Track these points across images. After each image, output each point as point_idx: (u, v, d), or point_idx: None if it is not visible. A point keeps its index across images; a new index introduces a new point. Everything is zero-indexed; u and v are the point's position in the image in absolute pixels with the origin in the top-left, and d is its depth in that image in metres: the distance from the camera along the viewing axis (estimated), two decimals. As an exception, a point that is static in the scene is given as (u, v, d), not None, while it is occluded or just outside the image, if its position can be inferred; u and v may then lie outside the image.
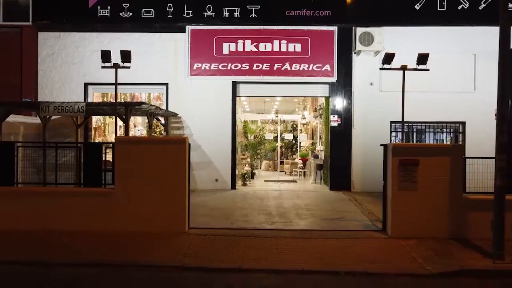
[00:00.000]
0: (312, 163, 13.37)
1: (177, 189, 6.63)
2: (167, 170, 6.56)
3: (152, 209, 6.52)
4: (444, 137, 12.25)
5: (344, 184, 11.23)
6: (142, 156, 6.56)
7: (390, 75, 10.85)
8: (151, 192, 6.52)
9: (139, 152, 6.55)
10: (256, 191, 11.09)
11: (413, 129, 11.65)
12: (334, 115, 11.28)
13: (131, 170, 6.53)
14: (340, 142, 11.28)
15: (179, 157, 6.61)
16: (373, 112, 11.21)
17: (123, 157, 6.53)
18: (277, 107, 18.94)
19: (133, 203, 6.52)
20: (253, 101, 19.72)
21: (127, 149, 6.55)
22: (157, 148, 6.60)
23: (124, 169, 6.53)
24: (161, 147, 6.61)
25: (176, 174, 6.60)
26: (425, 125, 11.55)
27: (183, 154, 6.61)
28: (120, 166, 6.53)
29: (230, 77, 11.27)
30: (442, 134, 12.23)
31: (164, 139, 7.13)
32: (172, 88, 11.32)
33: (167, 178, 6.56)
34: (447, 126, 11.62)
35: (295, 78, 11.24)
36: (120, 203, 6.51)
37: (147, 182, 6.53)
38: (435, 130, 11.78)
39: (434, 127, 11.63)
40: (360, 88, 11.23)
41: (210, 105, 11.30)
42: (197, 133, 11.31)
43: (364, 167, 11.21)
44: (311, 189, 11.72)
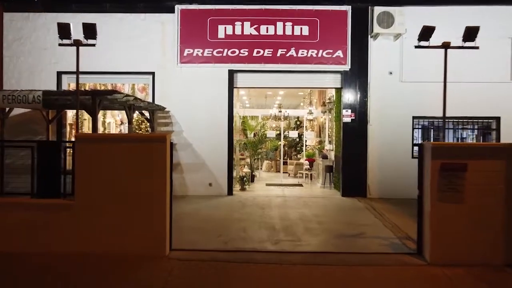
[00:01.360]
0: (320, 164, 12.03)
1: (155, 200, 5.30)
2: (143, 176, 5.24)
3: (123, 226, 5.20)
4: (467, 134, 10.92)
5: (358, 189, 9.90)
6: (111, 158, 5.23)
7: (412, 63, 9.58)
8: (122, 204, 5.20)
9: (106, 153, 5.22)
10: (256, 198, 9.76)
11: (433, 125, 10.30)
12: (347, 110, 9.93)
13: (96, 176, 5.20)
14: (354, 141, 9.94)
15: (158, 160, 5.28)
16: (393, 105, 9.87)
17: (86, 159, 5.20)
18: (280, 101, 17.59)
19: (97, 219, 5.20)
20: (253, 96, 18.42)
21: (91, 149, 5.21)
22: (130, 148, 5.26)
23: (87, 175, 5.20)
24: (135, 146, 5.27)
25: (154, 181, 5.28)
26: (451, 120, 10.19)
27: (163, 155, 5.29)
28: (82, 171, 5.20)
29: (226, 65, 9.92)
30: (465, 131, 10.91)
31: (139, 137, 5.82)
32: (159, 78, 9.98)
33: (143, 186, 5.24)
34: (478, 121, 10.26)
35: (301, 66, 9.89)
36: (81, 218, 5.19)
37: (116, 191, 5.21)
38: (455, 127, 10.44)
39: (461, 123, 10.28)
40: (377, 78, 9.88)
41: (203, 98, 9.97)
42: (187, 130, 9.98)
43: (382, 169, 9.87)
44: (319, 195, 10.37)
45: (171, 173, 5.65)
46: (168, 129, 10.00)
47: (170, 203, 5.64)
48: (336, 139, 10.93)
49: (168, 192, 5.46)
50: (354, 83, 9.92)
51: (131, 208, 5.23)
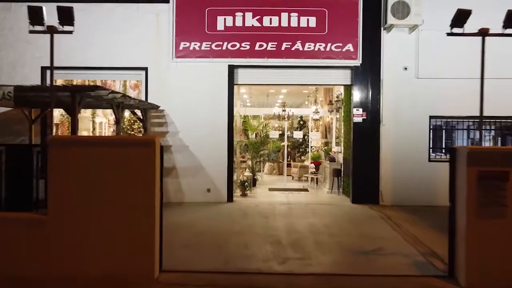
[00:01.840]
0: (327, 167, 11.30)
1: (141, 212, 4.58)
2: (127, 186, 4.52)
3: (103, 244, 4.47)
4: (483, 135, 10.16)
5: (370, 196, 9.16)
6: (90, 165, 4.50)
7: (429, 57, 8.87)
8: (102, 219, 4.47)
9: (85, 160, 4.49)
10: (259, 205, 9.02)
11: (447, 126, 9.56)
12: (358, 108, 9.19)
13: (73, 187, 4.47)
14: (365, 142, 9.20)
15: (146, 166, 4.55)
16: (408, 104, 9.14)
17: (61, 166, 4.47)
18: (282, 100, 16.84)
19: (74, 236, 4.46)
20: (254, 94, 17.69)
21: (66, 154, 4.48)
22: (112, 153, 4.53)
23: (62, 186, 4.47)
24: (118, 151, 4.54)
25: (141, 191, 4.56)
26: (470, 120, 9.46)
27: (151, 161, 4.56)
28: (56, 181, 4.47)
29: (226, 60, 9.19)
30: (478, 132, 10.16)
31: (123, 140, 5.08)
32: (153, 74, 9.24)
33: (127, 197, 4.52)
34: (496, 122, 9.53)
35: (308, 61, 9.16)
36: (55, 235, 4.46)
37: (95, 204, 4.48)
38: (469, 127, 9.71)
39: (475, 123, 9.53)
40: (391, 74, 9.14)
41: (200, 96, 9.24)
42: (184, 130, 9.25)
43: (396, 174, 9.14)
44: (327, 202, 9.64)
45: (162, 181, 4.93)
46: (162, 129, 9.27)
47: (160, 215, 4.93)
48: (345, 141, 10.20)
49: (157, 203, 4.74)
50: (365, 79, 9.18)
51: (114, 223, 4.50)
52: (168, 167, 9.19)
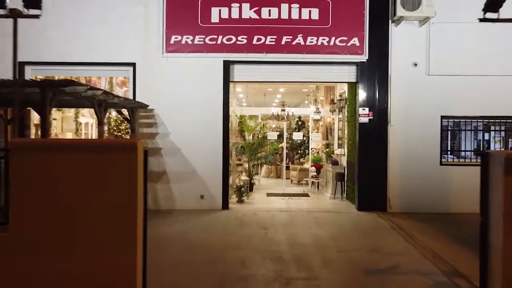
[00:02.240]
0: (329, 171, 10.67)
1: (121, 227, 3.88)
2: (104, 196, 3.82)
3: (74, 266, 3.78)
4: (490, 136, 9.57)
5: (377, 202, 8.55)
6: (59, 173, 3.80)
7: (441, 52, 8.29)
8: (73, 239, 3.78)
9: (52, 168, 3.79)
10: (257, 212, 8.37)
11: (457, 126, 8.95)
12: (364, 108, 8.56)
13: (39, 197, 3.77)
14: (372, 144, 8.59)
15: (126, 175, 3.85)
16: (418, 103, 8.54)
17: (23, 175, 3.77)
18: (280, 99, 16.21)
19: (39, 255, 3.77)
20: (250, 93, 17.06)
21: (30, 161, 3.78)
22: (86, 160, 3.84)
23: (26, 196, 3.77)
24: (94, 158, 3.85)
25: (120, 202, 3.86)
26: (485, 121, 8.88)
27: (132, 169, 3.86)
28: (19, 192, 3.77)
29: (221, 55, 8.54)
30: (487, 133, 9.57)
31: (99, 144, 4.40)
32: (141, 70, 8.57)
33: (105, 209, 3.82)
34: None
35: (310, 57, 8.53)
36: (16, 254, 3.76)
37: (66, 218, 3.78)
38: (476, 128, 9.12)
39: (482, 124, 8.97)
40: (399, 71, 8.54)
41: (193, 94, 8.58)
42: (175, 131, 8.58)
43: (405, 178, 8.54)
44: (331, 209, 9.00)
45: (146, 192, 4.24)
46: (152, 130, 8.60)
47: (144, 231, 4.23)
48: (350, 142, 9.57)
49: (140, 218, 4.04)
50: (372, 76, 8.56)
51: (88, 241, 3.81)
52: (158, 172, 8.53)
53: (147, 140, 8.56)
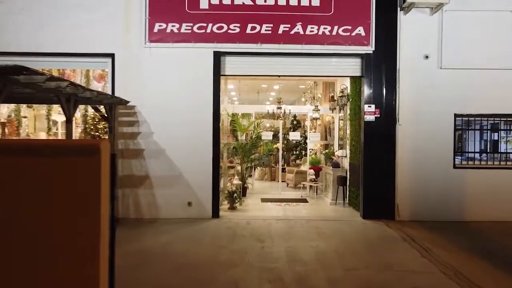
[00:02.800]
0: (329, 174, 9.97)
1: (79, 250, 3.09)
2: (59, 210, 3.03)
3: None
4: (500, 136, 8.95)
5: (384, 209, 7.87)
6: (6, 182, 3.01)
7: (455, 43, 7.68)
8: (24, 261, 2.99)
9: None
10: (251, 221, 7.63)
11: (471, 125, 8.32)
12: (370, 105, 7.87)
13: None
14: (379, 145, 7.90)
15: (86, 183, 3.07)
16: (429, 99, 7.87)
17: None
18: (275, 96, 15.47)
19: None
20: (243, 91, 16.36)
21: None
22: (38, 165, 3.05)
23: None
24: (48, 162, 3.05)
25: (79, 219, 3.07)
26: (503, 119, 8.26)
27: (94, 176, 3.07)
28: None
29: (211, 45, 7.80)
30: (496, 132, 8.95)
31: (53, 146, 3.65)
32: (121, 62, 7.78)
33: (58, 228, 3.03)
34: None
35: (310, 48, 7.83)
36: None
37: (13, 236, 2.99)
38: (485, 127, 8.51)
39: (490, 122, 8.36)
40: (409, 64, 7.86)
41: (180, 89, 7.83)
42: (159, 131, 7.81)
43: (415, 183, 7.87)
44: (333, 217, 8.29)
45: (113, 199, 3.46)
46: (133, 130, 7.82)
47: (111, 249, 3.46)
48: (353, 143, 8.88)
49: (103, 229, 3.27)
50: (379, 70, 7.88)
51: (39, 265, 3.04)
52: (140, 176, 7.76)
53: (128, 140, 7.78)
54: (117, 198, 7.59)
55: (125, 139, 7.79)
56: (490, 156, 8.35)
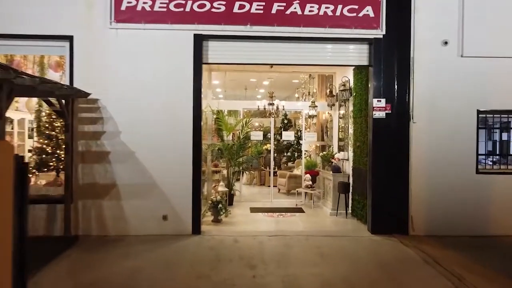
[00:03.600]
0: (328, 180, 8.88)
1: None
2: None
3: None
4: None
5: (397, 222, 6.80)
6: None
7: (480, 28, 6.67)
8: None
9: None
10: (239, 238, 6.46)
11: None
12: (379, 99, 6.79)
13: None
14: (389, 146, 6.82)
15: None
16: (448, 93, 6.83)
17: None
18: (264, 93, 14.33)
19: None
20: (229, 87, 15.19)
21: None
22: None
23: None
24: None
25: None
26: None
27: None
28: None
29: (191, 27, 6.62)
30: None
31: None
32: (81, 46, 6.54)
33: None
34: None
35: (309, 31, 6.72)
36: None
37: None
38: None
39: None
40: (425, 51, 6.81)
41: (153, 80, 6.63)
42: (128, 130, 6.60)
43: (431, 190, 6.83)
44: (336, 231, 7.18)
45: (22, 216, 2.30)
46: (96, 128, 6.57)
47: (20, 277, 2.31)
48: (358, 144, 7.80)
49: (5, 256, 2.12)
50: (390, 58, 6.80)
51: None
52: (104, 184, 6.53)
53: (90, 141, 6.54)
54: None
55: (87, 140, 6.55)
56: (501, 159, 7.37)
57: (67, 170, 6.21)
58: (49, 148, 6.88)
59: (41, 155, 6.86)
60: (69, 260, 5.33)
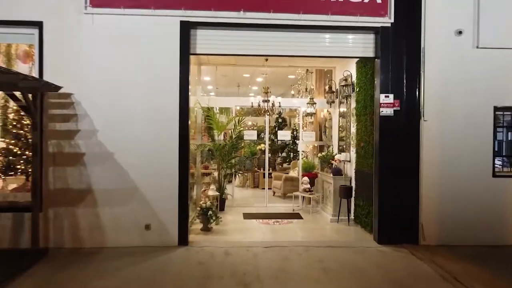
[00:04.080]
0: (329, 183, 8.26)
1: None
2: None
3: None
4: None
5: (406, 231, 6.21)
6: None
7: (498, 16, 6.13)
8: None
9: None
10: (231, 251, 5.81)
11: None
12: (387, 95, 6.17)
13: None
14: (398, 147, 6.21)
15: None
16: (462, 88, 6.24)
17: None
18: (257, 91, 13.68)
19: None
20: (220, 84, 14.60)
21: None
22: None
23: None
24: None
25: None
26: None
27: None
28: None
29: (178, 13, 5.96)
30: None
31: None
32: (52, 34, 5.84)
33: None
34: None
35: (309, 18, 6.09)
36: None
37: None
38: None
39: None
40: (437, 41, 6.21)
41: (134, 72, 5.96)
42: (106, 129, 5.91)
43: (444, 196, 6.23)
44: (339, 241, 6.54)
45: None
46: (69, 126, 5.87)
47: None
48: (362, 144, 7.19)
49: None
50: (398, 49, 6.19)
51: None
52: (78, 190, 5.85)
53: (63, 141, 5.85)
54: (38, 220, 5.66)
55: (59, 139, 5.85)
56: None
57: (35, 174, 5.51)
58: (17, 149, 6.15)
59: (8, 156, 6.13)
60: (33, 280, 4.63)
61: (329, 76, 9.61)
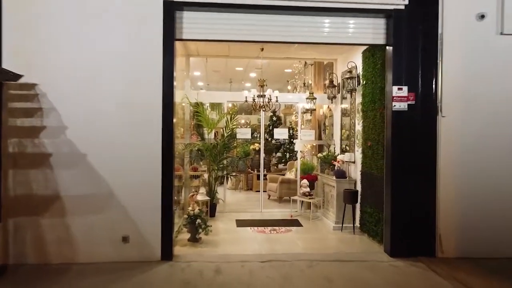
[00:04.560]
0: (331, 186, 7.55)
1: None
2: None
3: None
4: None
5: (421, 242, 5.53)
6: None
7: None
8: None
9: None
10: (222, 267, 5.05)
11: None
12: (400, 87, 5.47)
13: None
14: (412, 146, 5.51)
15: None
16: (485, 80, 5.56)
17: None
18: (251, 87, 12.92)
19: None
20: (211, 80, 13.85)
21: None
22: None
23: None
24: None
25: None
26: None
27: None
28: None
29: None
30: None
31: None
32: (13, 15, 5.03)
33: None
34: None
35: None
36: None
37: None
38: None
39: None
40: (457, 27, 5.51)
41: (110, 60, 5.18)
42: (76, 125, 5.13)
43: (465, 202, 5.54)
44: (345, 254, 5.80)
45: None
46: (33, 122, 5.08)
47: None
48: (369, 143, 6.48)
49: None
50: (413, 35, 5.48)
51: None
52: (44, 196, 5.06)
53: (25, 140, 5.05)
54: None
55: (20, 138, 5.06)
56: None
57: (-10, 179, 4.72)
58: (-27, 148, 5.36)
59: (-37, 157, 5.34)
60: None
61: (329, 69, 8.90)
